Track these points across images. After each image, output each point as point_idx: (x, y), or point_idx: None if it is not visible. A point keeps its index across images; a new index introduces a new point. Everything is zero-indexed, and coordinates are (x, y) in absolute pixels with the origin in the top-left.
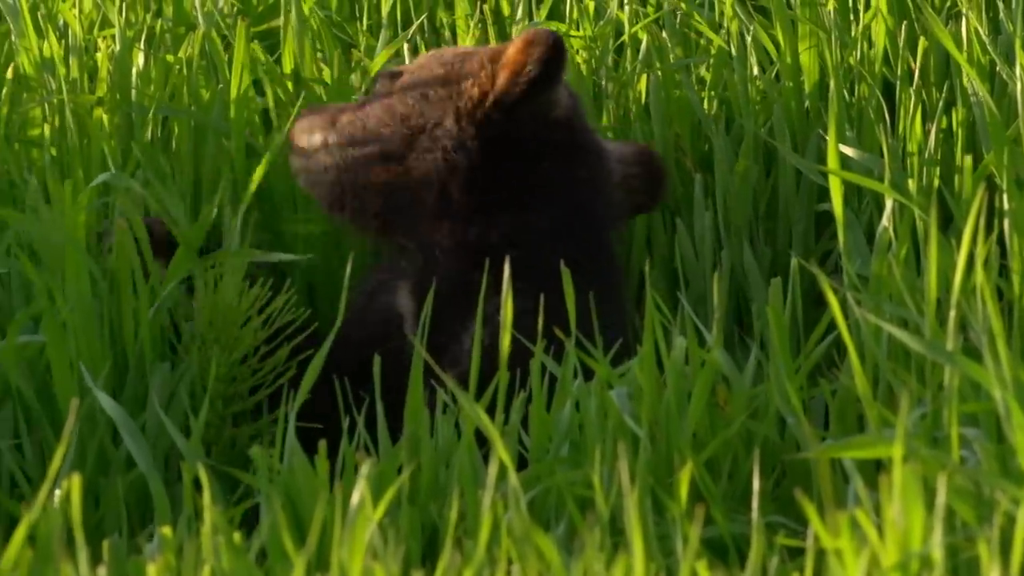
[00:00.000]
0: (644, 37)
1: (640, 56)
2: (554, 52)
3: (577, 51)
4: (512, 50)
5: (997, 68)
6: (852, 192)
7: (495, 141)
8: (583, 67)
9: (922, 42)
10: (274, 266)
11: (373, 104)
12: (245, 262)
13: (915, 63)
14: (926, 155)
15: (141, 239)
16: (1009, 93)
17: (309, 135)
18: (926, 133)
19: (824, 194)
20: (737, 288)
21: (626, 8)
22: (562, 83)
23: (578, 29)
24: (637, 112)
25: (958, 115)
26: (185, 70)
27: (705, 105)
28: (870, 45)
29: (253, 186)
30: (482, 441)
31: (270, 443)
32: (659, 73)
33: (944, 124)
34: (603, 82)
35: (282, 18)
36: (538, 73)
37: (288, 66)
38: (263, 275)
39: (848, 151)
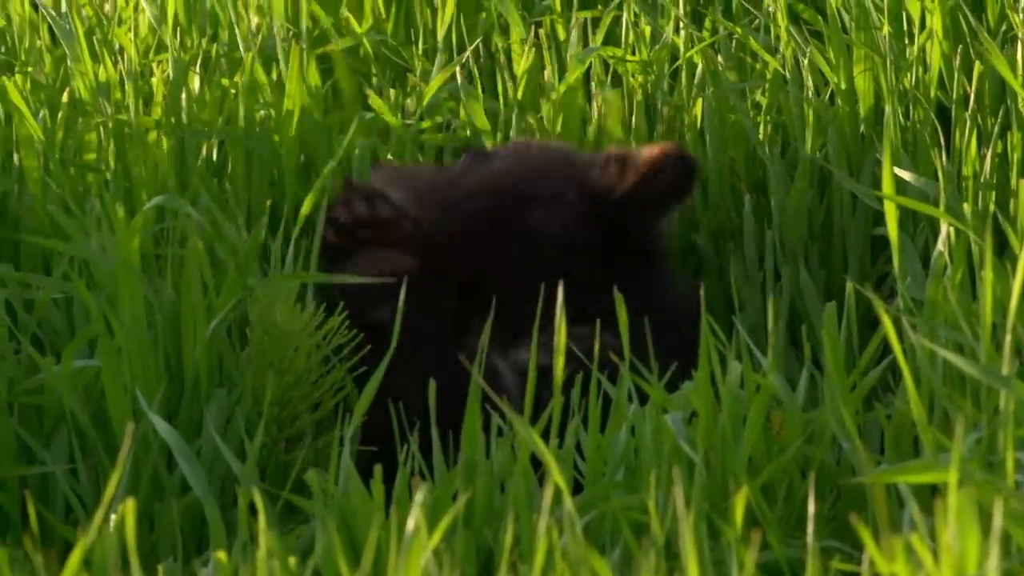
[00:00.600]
0: (699, 61)
1: (695, 80)
2: (691, 171)
3: (632, 75)
4: (648, 154)
5: None
6: (907, 216)
7: (606, 231)
8: (638, 91)
9: (977, 66)
10: (325, 290)
11: (475, 173)
12: (296, 285)
13: (970, 87)
14: (981, 180)
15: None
16: None
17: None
18: (981, 157)
19: (880, 218)
20: (793, 312)
21: (682, 33)
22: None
23: (634, 53)
24: (692, 136)
25: (1013, 139)
26: (239, 94)
27: (760, 129)
28: (925, 69)
29: (305, 209)
30: (537, 465)
31: (324, 466)
32: (712, 99)
33: (999, 148)
34: (659, 105)
35: (336, 42)
36: (670, 187)
37: (344, 90)
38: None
39: (904, 175)
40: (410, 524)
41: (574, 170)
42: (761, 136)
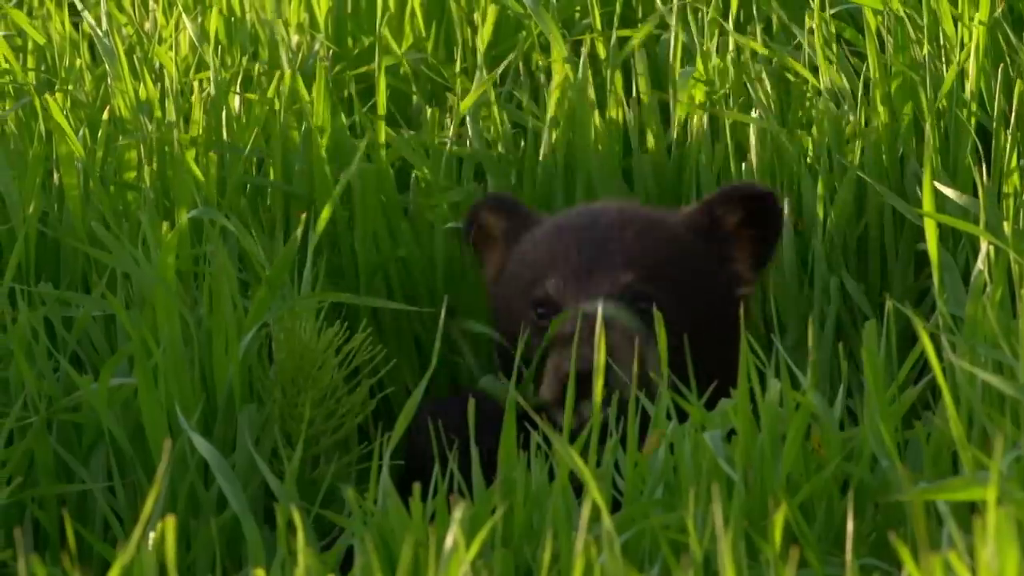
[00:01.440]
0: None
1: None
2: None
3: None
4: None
5: None
6: (949, 232)
7: None
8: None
9: (1019, 84)
10: (346, 308)
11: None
12: (321, 304)
13: (1011, 105)
14: (1022, 198)
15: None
16: None
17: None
18: (1022, 175)
19: (921, 233)
20: (837, 328)
21: (728, 56)
22: None
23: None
24: (734, 152)
25: None
26: (278, 112)
27: (810, 148)
28: (963, 87)
29: (321, 225)
30: (576, 484)
31: (348, 481)
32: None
33: None
34: (720, 122)
35: (376, 61)
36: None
37: (382, 108)
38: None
39: (946, 191)
40: (448, 541)
41: None
42: (803, 152)
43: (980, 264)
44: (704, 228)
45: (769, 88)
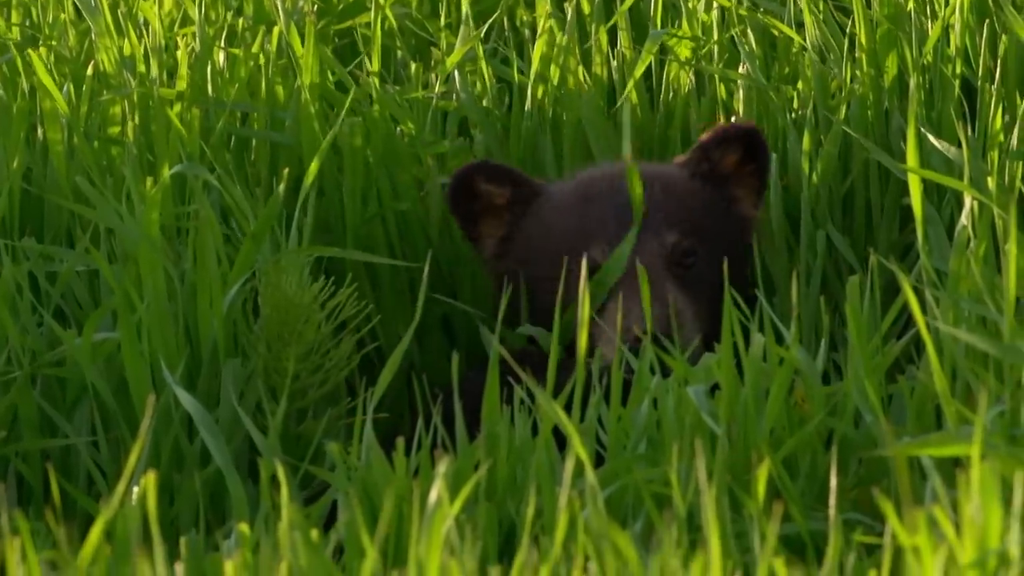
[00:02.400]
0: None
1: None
2: None
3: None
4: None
5: None
6: (933, 187)
7: None
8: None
9: (1003, 40)
10: (336, 264)
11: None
12: (308, 258)
13: (995, 61)
14: (1006, 153)
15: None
16: None
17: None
18: (1007, 131)
19: (906, 188)
20: (823, 282)
21: (713, 12)
22: None
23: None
24: (722, 107)
25: None
26: (263, 67)
27: (796, 104)
28: (948, 43)
29: (308, 180)
30: (560, 438)
31: (331, 437)
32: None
33: (1022, 121)
34: (706, 78)
35: (373, 14)
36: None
37: (376, 65)
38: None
39: (933, 140)
40: (432, 496)
41: None
42: (788, 107)
43: (964, 219)
44: (706, 173)
45: (754, 44)
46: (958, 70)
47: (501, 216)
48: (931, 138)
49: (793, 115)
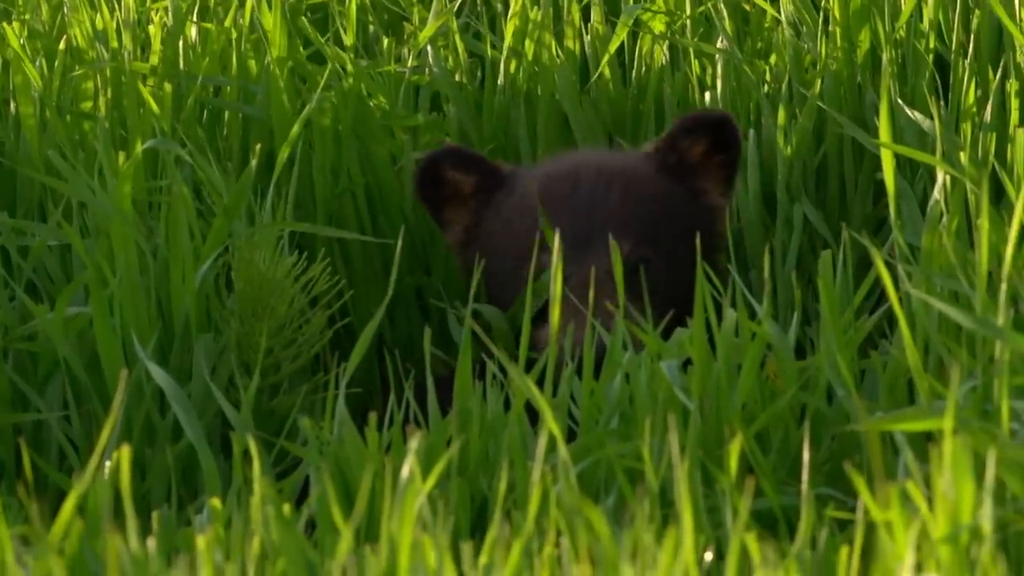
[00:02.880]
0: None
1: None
2: None
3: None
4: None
5: None
6: (907, 162)
7: None
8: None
9: (976, 14)
10: (309, 240)
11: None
12: (281, 233)
13: (968, 36)
14: (979, 128)
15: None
16: None
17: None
18: (980, 106)
19: (880, 162)
20: (801, 255)
21: None
22: None
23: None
24: (697, 81)
25: (1012, 88)
26: (235, 42)
27: (767, 76)
28: (922, 18)
29: (283, 156)
30: (532, 414)
31: (305, 412)
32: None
33: (997, 97)
34: (681, 52)
35: None
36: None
37: (351, 39)
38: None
39: (908, 111)
40: (404, 471)
41: None
42: (762, 82)
43: (936, 194)
44: (672, 165)
45: (727, 18)
46: (931, 45)
47: (467, 204)
48: (907, 110)
49: (768, 89)
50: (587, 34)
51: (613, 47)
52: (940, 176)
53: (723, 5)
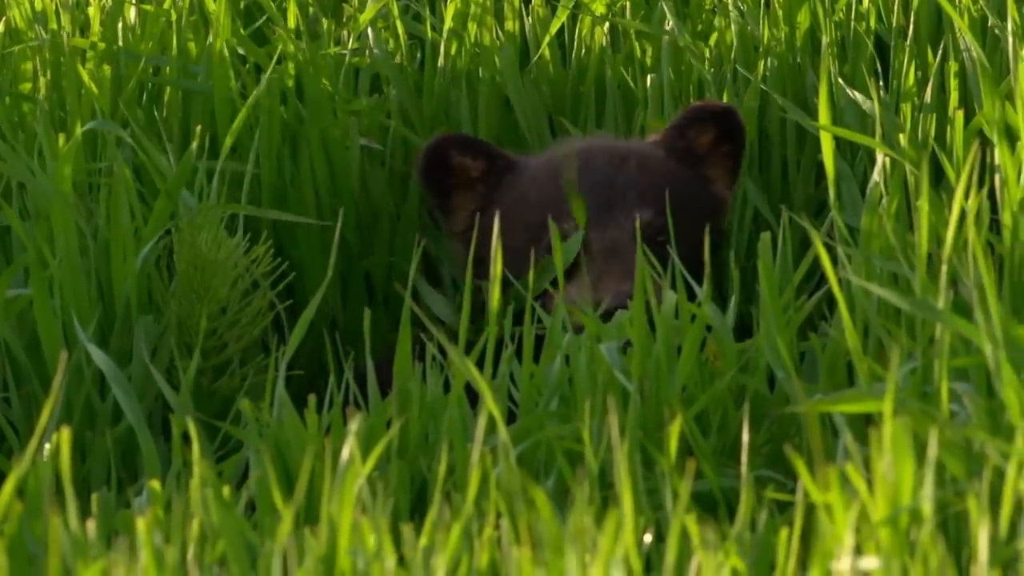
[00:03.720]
0: None
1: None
2: None
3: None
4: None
5: (989, 23)
6: (847, 144)
7: None
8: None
9: None
10: (253, 223)
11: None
12: (223, 215)
13: (908, 18)
14: (919, 110)
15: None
16: (1001, 48)
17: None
18: (920, 87)
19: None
20: (748, 238)
21: None
22: None
23: None
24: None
25: (951, 70)
26: (175, 23)
27: (708, 59)
28: (862, 0)
29: (229, 140)
30: (472, 395)
31: (248, 394)
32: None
33: (937, 79)
34: (622, 32)
35: None
36: None
37: (292, 21)
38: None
39: (850, 94)
40: (344, 453)
41: None
42: (703, 64)
43: (876, 176)
44: (681, 150)
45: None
46: (872, 26)
47: (475, 188)
48: (848, 90)
49: (711, 71)
50: (528, 16)
51: (554, 29)
52: (879, 158)
53: None
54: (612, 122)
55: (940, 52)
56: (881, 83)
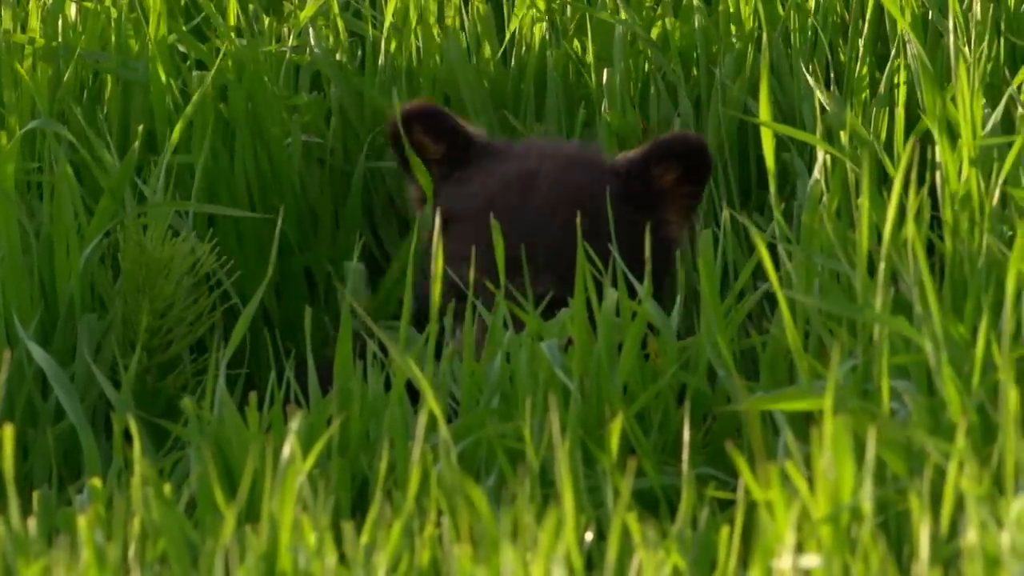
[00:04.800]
0: None
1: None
2: None
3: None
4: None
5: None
6: (793, 140)
7: None
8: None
9: None
10: (201, 221)
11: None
12: (169, 213)
13: (850, 15)
14: (862, 107)
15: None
16: (943, 45)
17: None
18: (863, 85)
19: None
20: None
21: None
22: None
23: None
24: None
25: (893, 66)
26: (115, 21)
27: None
28: None
29: (175, 137)
30: (413, 393)
31: (194, 393)
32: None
33: (880, 76)
34: (557, 36)
35: None
36: None
37: (232, 18)
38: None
39: (812, 83)
40: (285, 451)
41: None
42: (649, 62)
43: (817, 174)
44: (639, 194)
45: None
46: (816, 23)
47: (431, 171)
48: (810, 80)
49: (666, 69)
50: (467, 13)
51: (514, 26)
52: (820, 155)
53: None
54: (554, 117)
55: (879, 48)
56: (826, 79)
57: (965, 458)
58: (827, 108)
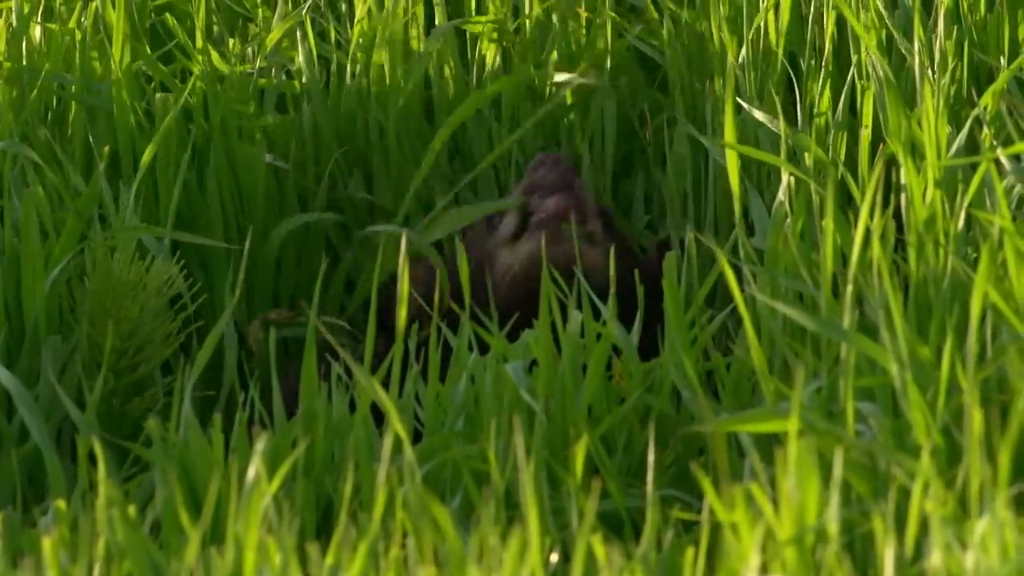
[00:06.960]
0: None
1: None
2: None
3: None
4: None
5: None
6: (755, 164)
7: None
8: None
9: (830, 15)
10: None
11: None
12: (135, 237)
13: (819, 37)
14: (827, 129)
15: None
16: (908, 67)
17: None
18: (829, 107)
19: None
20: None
21: None
22: None
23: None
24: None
25: (859, 89)
26: (79, 43)
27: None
28: (776, 17)
29: (145, 160)
30: (378, 415)
31: (162, 415)
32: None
33: (846, 98)
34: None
35: None
36: None
37: (200, 41)
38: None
39: (759, 116)
40: (250, 473)
41: None
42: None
43: (781, 195)
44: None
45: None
46: (781, 44)
47: None
48: (758, 114)
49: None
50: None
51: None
52: (785, 177)
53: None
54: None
55: (844, 69)
56: (789, 101)
57: (930, 480)
58: (782, 134)
